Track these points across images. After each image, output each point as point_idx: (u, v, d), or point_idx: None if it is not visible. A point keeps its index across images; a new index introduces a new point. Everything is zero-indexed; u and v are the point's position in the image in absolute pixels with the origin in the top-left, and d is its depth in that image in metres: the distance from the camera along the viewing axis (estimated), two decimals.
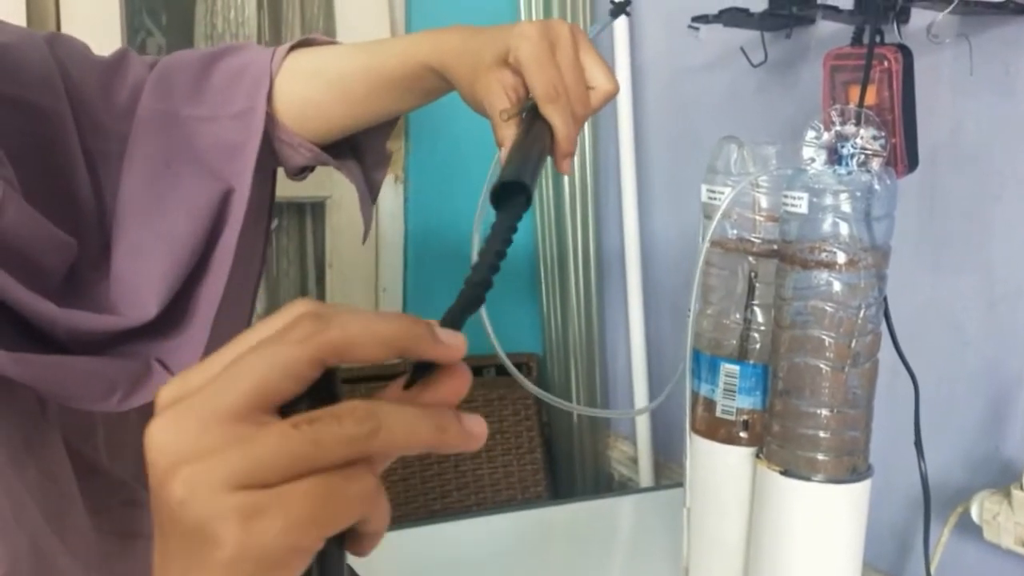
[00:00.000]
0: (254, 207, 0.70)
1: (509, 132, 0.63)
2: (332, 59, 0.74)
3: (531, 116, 0.63)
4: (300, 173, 0.78)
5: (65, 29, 1.29)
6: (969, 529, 0.88)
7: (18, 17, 1.24)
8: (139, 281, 0.59)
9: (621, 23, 1.42)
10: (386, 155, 0.82)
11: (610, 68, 0.66)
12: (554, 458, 1.62)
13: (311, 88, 0.73)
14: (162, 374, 0.57)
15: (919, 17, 0.92)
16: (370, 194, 0.81)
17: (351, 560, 0.74)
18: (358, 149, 0.80)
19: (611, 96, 0.66)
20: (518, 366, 1.62)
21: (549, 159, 0.63)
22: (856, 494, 0.77)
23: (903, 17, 0.93)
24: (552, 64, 0.61)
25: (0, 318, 0.50)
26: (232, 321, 0.67)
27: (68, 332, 0.54)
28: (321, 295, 1.58)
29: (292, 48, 0.74)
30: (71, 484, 0.56)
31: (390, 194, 1.55)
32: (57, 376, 0.51)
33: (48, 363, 0.50)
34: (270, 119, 0.71)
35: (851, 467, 0.77)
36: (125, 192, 0.64)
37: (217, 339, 0.61)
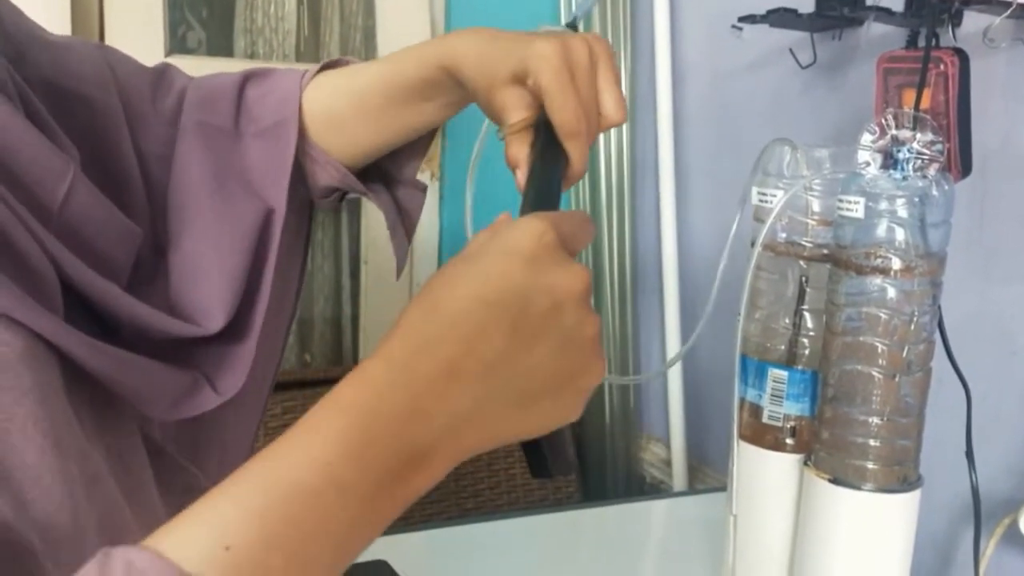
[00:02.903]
0: (292, 226, 0.69)
1: (521, 152, 0.62)
2: (353, 72, 0.73)
3: (545, 137, 0.62)
4: (328, 196, 0.76)
5: (108, 23, 1.29)
6: (1016, 540, 0.87)
7: (63, 13, 1.25)
8: (203, 291, 0.60)
9: (663, 22, 1.41)
10: (421, 188, 0.81)
11: (622, 96, 0.64)
12: (586, 459, 1.61)
13: (333, 100, 0.72)
14: (208, 392, 0.57)
15: (971, 20, 0.90)
16: (404, 230, 0.79)
17: (388, 558, 0.74)
18: (389, 181, 0.78)
19: (615, 126, 0.65)
20: None
21: None
22: (906, 504, 0.76)
23: (957, 20, 0.91)
24: (573, 94, 0.60)
25: (72, 308, 0.50)
26: (270, 338, 0.67)
27: (138, 330, 0.54)
28: (355, 291, 1.58)
29: (322, 68, 0.74)
30: (144, 463, 0.56)
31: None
32: (121, 371, 0.51)
33: (117, 357, 0.50)
34: (299, 133, 0.71)
35: (901, 476, 0.76)
36: (178, 198, 0.64)
37: (259, 355, 0.62)
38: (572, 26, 0.71)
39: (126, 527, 0.50)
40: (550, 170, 0.60)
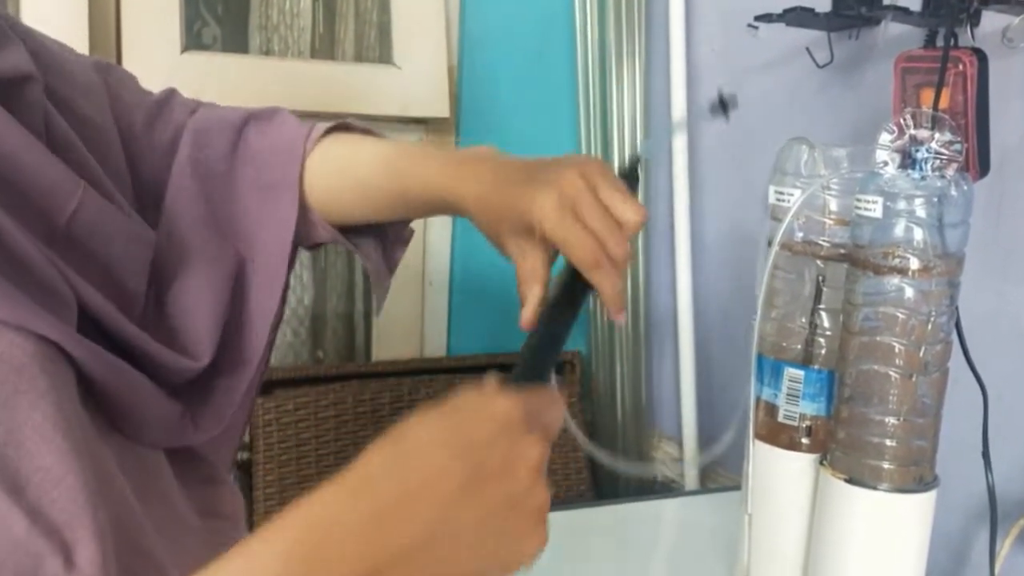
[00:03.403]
0: (273, 270, 0.70)
1: (535, 291, 0.65)
2: (360, 163, 0.73)
3: (569, 276, 0.63)
4: (314, 247, 0.78)
5: (125, 19, 1.29)
6: None
7: (80, 9, 1.25)
8: (194, 326, 0.60)
9: (678, 21, 1.41)
10: (408, 232, 0.82)
11: (633, 197, 0.64)
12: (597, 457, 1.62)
13: (336, 183, 0.73)
14: (190, 429, 0.58)
15: (989, 20, 0.90)
16: (388, 268, 0.81)
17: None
18: (378, 232, 0.80)
19: (641, 226, 0.64)
20: (561, 364, 1.62)
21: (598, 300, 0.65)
22: (922, 504, 0.76)
23: (975, 20, 0.91)
24: (582, 231, 0.60)
25: (85, 324, 0.50)
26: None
27: (137, 356, 0.54)
28: (368, 288, 1.59)
29: (328, 131, 0.74)
30: (160, 456, 0.56)
31: None
32: (125, 385, 0.51)
33: (124, 370, 0.51)
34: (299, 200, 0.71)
35: (918, 477, 0.76)
36: (167, 228, 0.65)
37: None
38: (634, 166, 0.71)
39: (139, 527, 0.50)
40: (556, 327, 0.62)
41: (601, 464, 1.61)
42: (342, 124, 0.76)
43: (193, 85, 1.33)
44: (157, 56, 1.31)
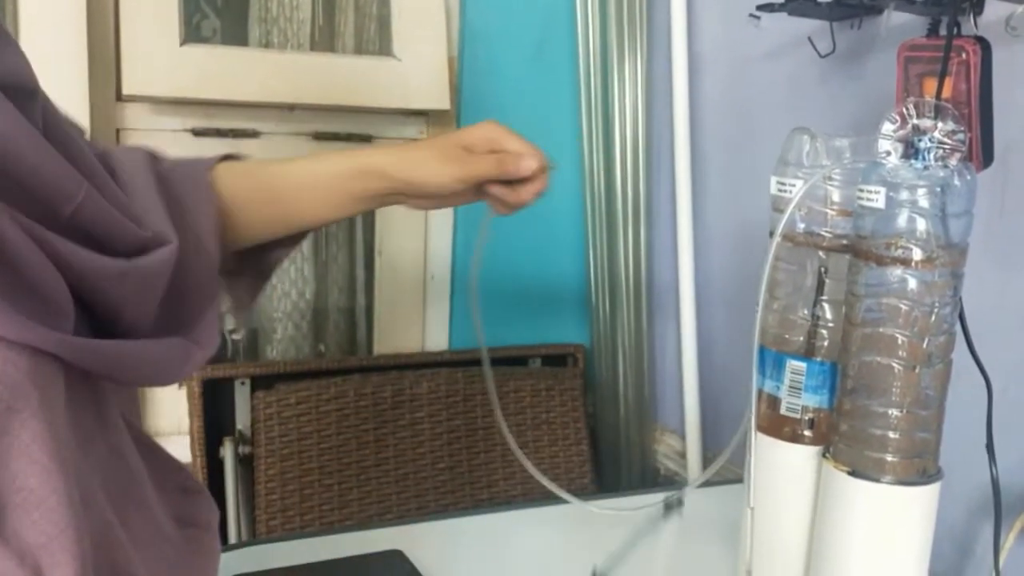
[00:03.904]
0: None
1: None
2: (264, 162, 0.76)
3: None
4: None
5: (123, 13, 1.29)
6: None
7: (78, 3, 1.25)
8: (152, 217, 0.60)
9: (679, 12, 1.40)
10: (278, 267, 0.82)
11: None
12: (600, 450, 1.61)
13: (239, 182, 0.73)
14: (197, 350, 0.58)
15: (992, 8, 0.89)
16: (252, 299, 0.80)
17: (405, 550, 0.72)
18: (256, 260, 0.79)
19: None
20: (564, 357, 1.61)
21: None
22: (925, 497, 0.75)
23: (978, 8, 0.90)
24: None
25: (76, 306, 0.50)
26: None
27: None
28: (369, 281, 1.58)
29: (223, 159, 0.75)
30: (138, 461, 0.56)
31: None
32: (124, 363, 0.51)
33: (118, 351, 0.50)
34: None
35: (921, 469, 0.75)
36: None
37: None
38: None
39: (117, 544, 0.50)
40: None
41: (604, 458, 1.61)
42: (233, 155, 0.77)
43: (193, 78, 1.33)
44: (156, 49, 1.30)
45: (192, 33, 1.39)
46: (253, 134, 1.41)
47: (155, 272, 0.57)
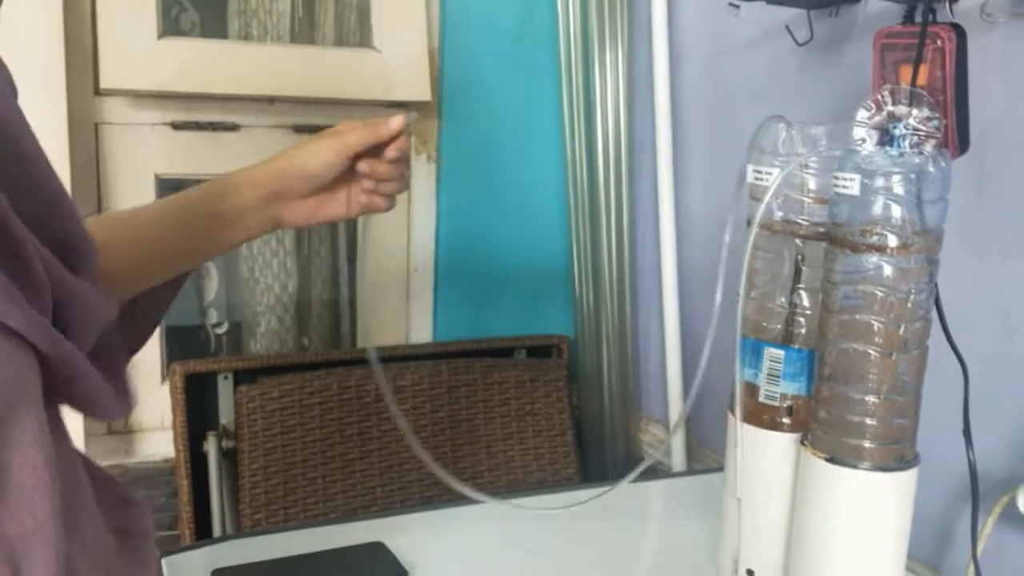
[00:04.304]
0: None
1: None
2: (138, 210, 0.77)
3: None
4: None
5: (100, 6, 1.28)
6: (1014, 519, 0.87)
7: None
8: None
9: (660, 2, 1.40)
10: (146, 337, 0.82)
11: None
12: (585, 441, 1.61)
13: (106, 229, 0.72)
14: (126, 398, 0.58)
15: None
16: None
17: (387, 542, 0.72)
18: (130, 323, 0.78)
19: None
20: (548, 348, 1.61)
21: None
22: (903, 483, 0.76)
23: None
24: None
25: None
26: None
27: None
28: (352, 274, 1.58)
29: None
30: (84, 472, 0.56)
31: (422, 172, 1.54)
32: (91, 373, 0.50)
33: (84, 361, 0.50)
34: None
35: (898, 455, 0.76)
36: None
37: None
38: None
39: (73, 554, 0.49)
40: None
41: (589, 448, 1.61)
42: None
43: (171, 71, 1.32)
44: (134, 42, 1.29)
45: (170, 26, 1.38)
46: (233, 127, 1.41)
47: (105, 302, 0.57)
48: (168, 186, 1.46)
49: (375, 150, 0.80)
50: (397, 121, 0.80)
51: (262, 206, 0.78)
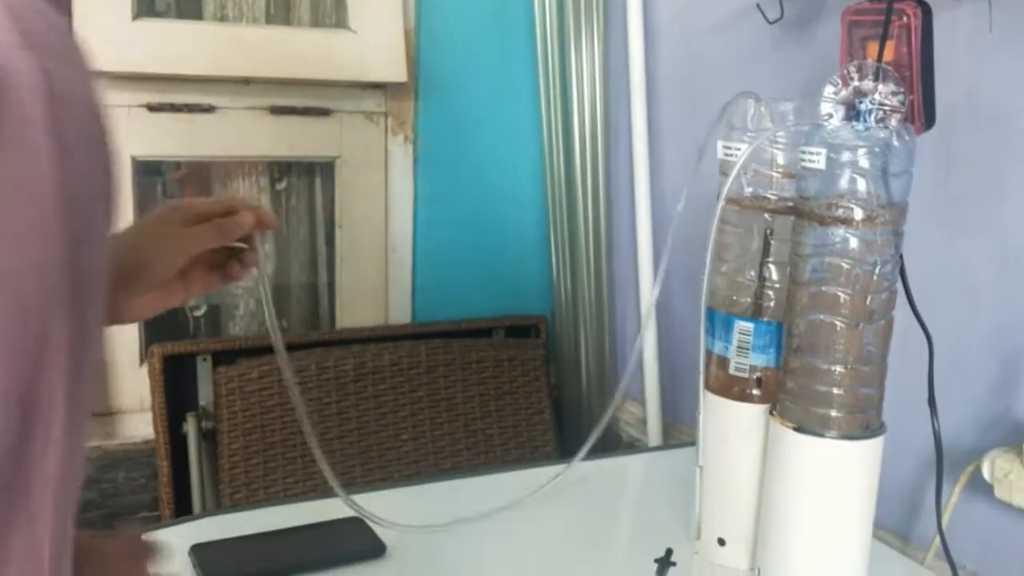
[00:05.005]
0: None
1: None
2: None
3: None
4: None
5: None
6: (980, 488, 0.89)
7: None
8: None
9: None
10: None
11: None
12: (562, 419, 1.63)
13: None
14: None
15: None
16: None
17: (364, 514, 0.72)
18: None
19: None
20: (527, 328, 1.63)
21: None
22: (869, 451, 0.77)
23: None
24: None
25: None
26: None
27: None
28: (331, 255, 1.58)
29: None
30: None
31: (400, 153, 1.54)
32: None
33: None
34: None
35: (864, 424, 0.77)
36: None
37: None
38: None
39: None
40: None
41: (567, 428, 1.63)
42: None
43: (146, 53, 1.32)
44: (108, 24, 1.29)
45: (145, 7, 1.38)
46: (209, 109, 1.40)
47: None
48: (145, 168, 1.46)
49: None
50: (248, 219, 0.76)
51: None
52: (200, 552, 0.87)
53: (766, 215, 0.82)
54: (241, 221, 0.75)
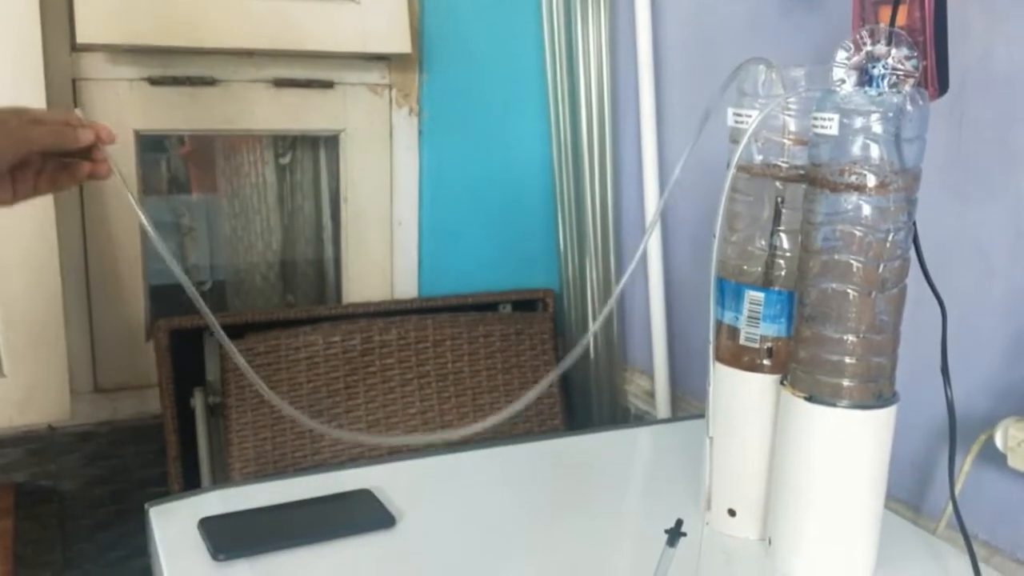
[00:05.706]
0: None
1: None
2: None
3: None
4: None
5: None
6: (993, 457, 0.88)
7: None
8: None
9: None
10: None
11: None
12: (571, 393, 1.62)
13: None
14: None
15: None
16: None
17: (372, 486, 0.72)
18: None
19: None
20: (534, 302, 1.62)
21: None
22: (881, 420, 0.77)
23: None
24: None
25: None
26: None
27: None
28: (336, 229, 1.57)
29: None
30: None
31: (404, 126, 1.53)
32: None
33: None
34: None
35: (876, 393, 0.76)
36: None
37: None
38: None
39: None
40: None
41: (575, 400, 1.62)
42: None
43: (148, 25, 1.31)
44: None
45: None
46: (211, 82, 1.39)
47: None
48: (147, 142, 1.45)
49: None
50: (87, 135, 0.79)
51: None
52: (209, 525, 0.87)
53: (777, 183, 0.81)
54: (79, 135, 0.78)
